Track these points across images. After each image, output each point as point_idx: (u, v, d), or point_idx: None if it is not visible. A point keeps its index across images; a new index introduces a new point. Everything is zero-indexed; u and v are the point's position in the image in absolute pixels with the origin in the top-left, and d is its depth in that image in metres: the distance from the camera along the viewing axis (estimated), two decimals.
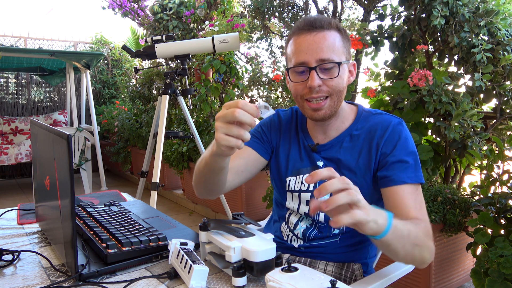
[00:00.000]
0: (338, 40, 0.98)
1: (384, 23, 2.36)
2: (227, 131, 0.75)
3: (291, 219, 1.12)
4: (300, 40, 0.98)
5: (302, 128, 1.14)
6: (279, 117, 1.19)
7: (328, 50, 0.95)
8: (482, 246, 1.64)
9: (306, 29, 0.97)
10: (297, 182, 1.10)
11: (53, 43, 5.84)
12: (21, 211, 1.22)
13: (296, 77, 1.00)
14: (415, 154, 0.99)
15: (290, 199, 1.12)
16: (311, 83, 0.95)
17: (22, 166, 5.47)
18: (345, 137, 1.06)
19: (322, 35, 0.96)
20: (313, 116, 1.01)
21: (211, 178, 0.97)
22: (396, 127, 1.01)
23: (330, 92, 0.98)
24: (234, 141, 0.75)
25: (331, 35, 0.97)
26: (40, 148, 0.95)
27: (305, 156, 1.10)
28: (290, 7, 3.07)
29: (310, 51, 0.95)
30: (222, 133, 0.75)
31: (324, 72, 0.97)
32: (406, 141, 1.00)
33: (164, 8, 4.19)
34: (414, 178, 0.95)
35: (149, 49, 2.47)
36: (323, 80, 0.96)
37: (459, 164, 2.14)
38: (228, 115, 0.74)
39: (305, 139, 1.12)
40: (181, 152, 3.53)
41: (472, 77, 1.94)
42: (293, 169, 1.11)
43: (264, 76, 3.28)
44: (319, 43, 0.95)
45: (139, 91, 4.68)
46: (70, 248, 0.74)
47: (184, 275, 0.73)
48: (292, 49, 1.00)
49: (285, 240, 1.12)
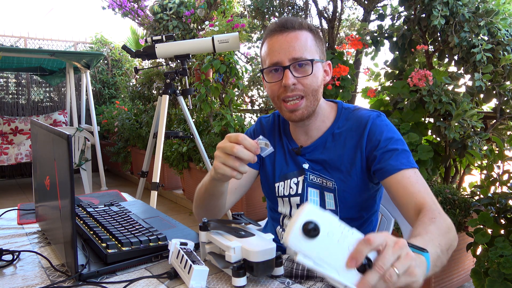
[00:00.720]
0: (310, 39, 1.00)
1: (384, 23, 2.37)
2: (224, 161, 0.80)
3: (285, 222, 1.13)
4: (272, 41, 1.00)
5: (285, 132, 1.15)
6: (262, 125, 1.20)
7: (301, 49, 0.97)
8: (482, 246, 1.64)
9: (278, 30, 0.99)
10: (285, 187, 1.11)
11: (53, 43, 5.84)
12: (21, 211, 1.22)
13: (271, 77, 1.01)
14: (401, 141, 0.99)
15: (281, 204, 1.13)
16: (286, 81, 0.96)
17: (22, 166, 5.47)
18: (327, 136, 1.06)
19: (293, 35, 0.98)
20: (291, 117, 1.02)
21: (212, 202, 1.01)
22: (376, 119, 1.01)
23: (305, 91, 0.98)
24: (229, 172, 0.80)
25: (302, 34, 0.99)
26: (40, 148, 0.95)
27: (290, 160, 1.11)
28: (290, 7, 3.07)
29: (283, 51, 0.97)
30: (219, 162, 0.81)
31: (298, 70, 0.98)
32: (389, 130, 1.00)
33: (164, 8, 4.19)
34: (407, 163, 0.94)
35: (149, 49, 2.47)
36: (298, 78, 0.97)
37: (459, 164, 2.14)
38: (227, 148, 0.79)
39: (289, 143, 1.12)
40: (181, 152, 3.53)
41: (472, 77, 1.94)
42: (280, 175, 1.12)
43: None
44: (291, 43, 0.97)
45: (139, 91, 4.68)
46: (70, 248, 0.74)
47: (184, 275, 0.73)
48: (265, 51, 1.02)
49: (281, 244, 1.13)
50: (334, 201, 1.04)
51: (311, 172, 1.07)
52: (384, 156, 0.96)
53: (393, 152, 0.96)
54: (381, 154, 0.97)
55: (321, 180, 1.06)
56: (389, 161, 0.95)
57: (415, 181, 0.92)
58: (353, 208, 1.04)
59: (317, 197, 1.06)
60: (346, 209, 1.04)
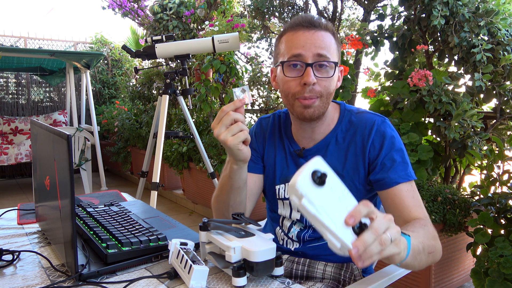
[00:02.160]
0: (333, 42, 0.97)
1: (384, 23, 2.37)
2: (231, 132, 0.84)
3: (285, 223, 1.12)
4: (297, 35, 0.96)
5: (286, 133, 1.12)
6: (261, 126, 1.17)
7: (326, 48, 0.94)
8: (482, 246, 1.64)
9: (304, 25, 0.95)
10: (286, 189, 1.09)
11: (53, 43, 5.84)
12: (21, 211, 1.22)
13: (289, 71, 0.96)
14: (402, 151, 0.99)
15: (281, 206, 1.12)
16: (307, 78, 0.92)
17: (22, 166, 5.47)
18: (331, 139, 1.04)
19: (320, 34, 0.95)
20: (302, 113, 0.97)
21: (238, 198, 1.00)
22: (380, 126, 1.00)
23: (321, 93, 0.95)
24: (242, 134, 0.84)
25: (327, 36, 0.96)
26: (40, 148, 0.95)
27: (291, 162, 1.09)
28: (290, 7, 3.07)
29: (308, 45, 0.93)
30: (229, 136, 0.84)
31: (319, 71, 0.95)
32: (392, 139, 0.99)
33: (164, 8, 4.19)
34: (405, 176, 0.95)
35: (149, 49, 2.47)
36: (318, 78, 0.94)
37: (459, 164, 2.14)
38: (225, 119, 0.83)
39: (290, 145, 1.10)
40: (181, 152, 3.53)
41: (472, 77, 1.94)
42: (281, 177, 1.10)
43: (264, 76, 3.28)
44: (317, 40, 0.94)
45: (139, 91, 4.68)
46: (70, 248, 0.74)
47: (184, 275, 0.73)
48: (287, 44, 0.97)
49: (281, 244, 1.12)
50: None
51: None
52: (383, 167, 0.96)
53: (392, 163, 0.96)
54: (381, 164, 0.97)
55: None
56: (388, 174, 0.95)
57: (410, 195, 0.94)
58: None
59: None
60: None
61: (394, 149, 0.98)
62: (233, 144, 0.83)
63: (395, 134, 1.01)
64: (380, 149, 0.98)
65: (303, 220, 1.08)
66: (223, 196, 1.01)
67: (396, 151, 0.98)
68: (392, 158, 0.97)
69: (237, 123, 0.83)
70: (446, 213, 1.78)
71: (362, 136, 1.01)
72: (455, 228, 1.77)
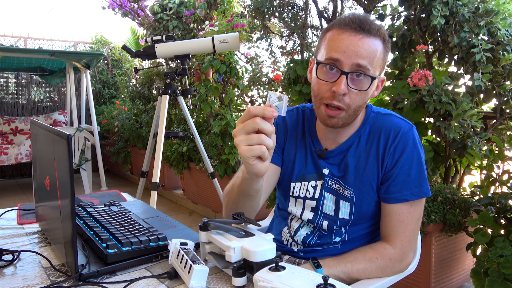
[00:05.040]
0: (380, 51, 0.91)
1: (384, 23, 2.36)
2: (248, 142, 0.73)
3: (293, 224, 1.10)
4: (342, 36, 0.89)
5: (310, 131, 1.08)
6: (284, 119, 1.13)
7: (368, 59, 0.88)
8: (482, 246, 1.64)
9: (353, 27, 0.89)
10: (302, 188, 1.07)
11: (53, 43, 5.84)
12: (21, 211, 1.22)
13: (323, 74, 0.91)
14: (418, 164, 0.95)
15: (293, 204, 1.09)
16: (337, 89, 0.87)
17: (22, 166, 5.47)
18: (353, 141, 1.01)
19: (367, 41, 0.88)
20: (325, 121, 0.94)
21: (248, 203, 0.95)
22: (406, 134, 0.96)
23: (349, 106, 0.90)
24: (258, 148, 0.73)
25: (375, 43, 0.89)
26: (40, 148, 0.95)
27: (310, 162, 1.06)
28: (290, 7, 3.07)
29: (350, 52, 0.87)
30: (244, 145, 0.74)
31: (354, 81, 0.89)
32: (414, 151, 0.95)
33: (164, 8, 4.19)
34: (410, 196, 0.94)
35: (149, 49, 2.47)
36: (350, 89, 0.89)
37: (459, 164, 2.14)
38: (248, 125, 0.73)
39: (313, 144, 1.06)
40: (181, 152, 3.53)
41: (472, 77, 1.94)
42: (298, 175, 1.07)
43: (264, 76, 3.28)
44: (361, 48, 0.88)
45: (139, 91, 4.68)
46: (70, 248, 0.74)
47: (184, 275, 0.73)
48: (329, 42, 0.91)
49: (284, 244, 1.11)
50: (349, 210, 1.01)
51: (330, 178, 1.03)
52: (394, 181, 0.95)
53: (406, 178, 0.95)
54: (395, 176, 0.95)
55: (339, 187, 1.02)
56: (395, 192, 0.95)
57: (404, 218, 0.96)
58: (367, 217, 1.02)
59: (333, 203, 1.03)
60: (360, 219, 1.02)
61: (413, 162, 0.95)
62: (244, 156, 0.74)
63: (419, 145, 0.97)
64: (399, 158, 0.95)
65: (314, 221, 1.05)
66: (233, 195, 0.97)
67: (416, 164, 0.95)
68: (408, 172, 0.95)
69: (259, 134, 0.73)
70: (446, 213, 1.78)
71: (386, 141, 0.97)
72: (455, 228, 1.77)
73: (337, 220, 1.02)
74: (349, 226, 1.03)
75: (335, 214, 1.03)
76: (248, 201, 0.94)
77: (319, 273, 0.70)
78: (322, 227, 1.04)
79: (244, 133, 0.73)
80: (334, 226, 1.03)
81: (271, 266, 0.68)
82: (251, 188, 0.88)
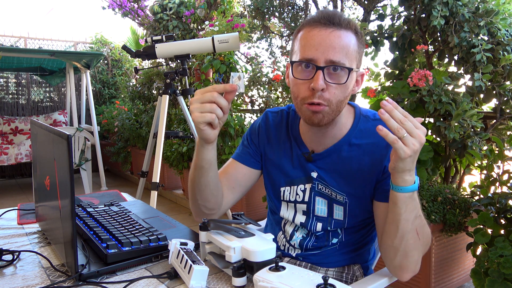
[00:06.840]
0: (354, 43, 0.89)
1: (384, 23, 2.36)
2: (201, 109, 0.82)
3: (287, 229, 1.08)
4: (312, 33, 0.88)
5: (294, 134, 1.06)
6: (267, 120, 1.11)
7: (342, 52, 0.86)
8: (482, 246, 1.64)
9: (322, 22, 0.87)
10: (291, 192, 1.05)
11: (53, 43, 5.84)
12: (21, 211, 1.22)
13: (299, 73, 0.90)
14: None
15: (285, 208, 1.08)
16: (315, 84, 0.86)
17: (22, 166, 5.47)
18: (343, 145, 0.98)
19: (338, 34, 0.87)
20: (310, 118, 0.91)
21: (203, 179, 0.96)
22: None
23: (330, 101, 0.88)
24: (209, 116, 0.82)
25: (347, 36, 0.88)
26: (40, 148, 0.95)
27: (297, 165, 1.04)
28: (290, 7, 3.07)
29: (322, 48, 0.86)
30: (197, 113, 0.82)
31: (331, 75, 0.88)
32: None
33: (164, 8, 4.19)
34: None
35: (149, 49, 2.47)
36: (328, 83, 0.87)
37: (459, 164, 2.14)
38: (206, 95, 0.82)
39: (298, 147, 1.04)
40: (181, 152, 3.53)
41: (472, 77, 1.94)
42: (286, 179, 1.06)
43: (264, 76, 3.28)
44: (333, 41, 0.86)
45: (139, 91, 4.68)
46: (70, 248, 0.74)
47: (184, 275, 0.73)
48: (301, 42, 0.90)
49: (282, 250, 1.09)
50: (343, 212, 1.00)
51: (319, 181, 1.01)
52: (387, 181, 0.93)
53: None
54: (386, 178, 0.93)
55: (330, 192, 1.00)
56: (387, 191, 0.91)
57: None
58: (361, 218, 1.01)
59: (325, 206, 1.01)
60: (354, 220, 1.01)
61: None
62: (196, 121, 0.83)
63: None
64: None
65: (307, 225, 1.03)
66: (191, 172, 0.99)
67: None
68: None
69: (212, 103, 0.82)
70: (446, 213, 1.78)
71: (380, 147, 0.95)
72: (455, 228, 1.77)
73: (331, 221, 1.01)
74: (345, 228, 1.02)
75: (329, 215, 1.01)
76: (202, 176, 0.96)
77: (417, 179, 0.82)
78: (316, 229, 1.03)
79: (200, 102, 0.82)
80: (328, 227, 1.01)
81: (271, 266, 0.68)
82: (203, 158, 0.93)
